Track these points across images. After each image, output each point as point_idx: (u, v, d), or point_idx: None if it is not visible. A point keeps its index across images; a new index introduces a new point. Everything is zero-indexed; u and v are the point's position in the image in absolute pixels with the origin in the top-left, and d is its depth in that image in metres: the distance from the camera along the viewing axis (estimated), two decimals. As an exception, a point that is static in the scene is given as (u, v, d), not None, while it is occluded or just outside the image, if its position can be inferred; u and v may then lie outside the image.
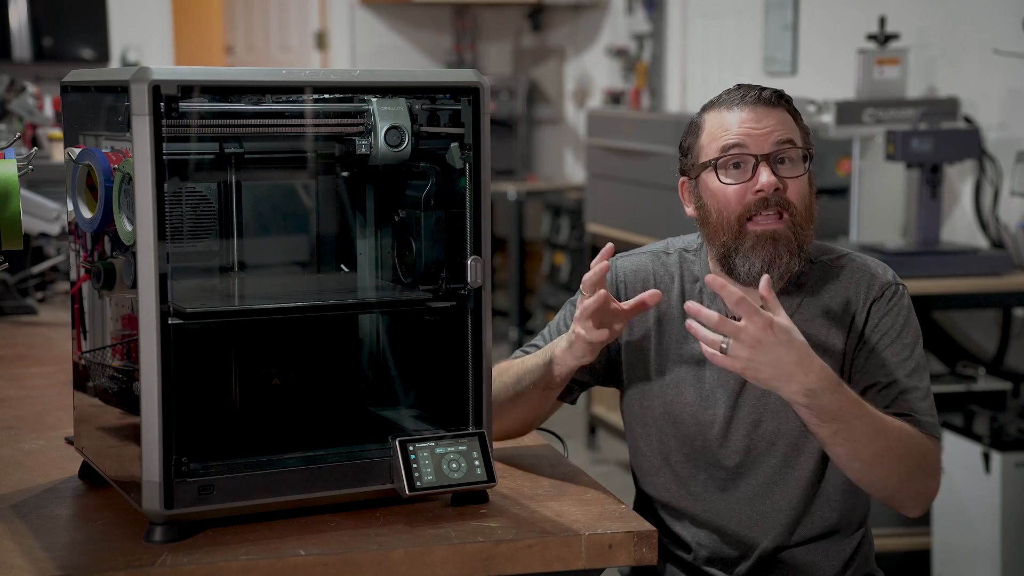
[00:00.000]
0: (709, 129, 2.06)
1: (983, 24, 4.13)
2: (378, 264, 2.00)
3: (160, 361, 1.62)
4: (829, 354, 2.04)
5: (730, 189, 2.02)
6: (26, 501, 1.82)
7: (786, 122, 2.05)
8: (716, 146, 2.04)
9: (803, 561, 2.10)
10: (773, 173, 2.01)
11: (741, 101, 2.04)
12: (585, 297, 1.94)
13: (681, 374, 2.11)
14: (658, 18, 6.33)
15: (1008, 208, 4.02)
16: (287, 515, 1.72)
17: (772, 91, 2.05)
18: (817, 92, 4.43)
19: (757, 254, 2.01)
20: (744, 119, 2.03)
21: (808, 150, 2.06)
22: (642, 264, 2.18)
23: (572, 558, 1.71)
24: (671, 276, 2.15)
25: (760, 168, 2.01)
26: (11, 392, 2.50)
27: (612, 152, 5.28)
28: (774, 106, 2.04)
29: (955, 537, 3.61)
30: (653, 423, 2.14)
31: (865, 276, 2.08)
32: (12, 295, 3.30)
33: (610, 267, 2.13)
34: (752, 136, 2.02)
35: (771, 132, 2.02)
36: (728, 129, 2.03)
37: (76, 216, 1.83)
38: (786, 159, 2.03)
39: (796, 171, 2.03)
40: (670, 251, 2.19)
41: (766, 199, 2.00)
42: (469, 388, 1.81)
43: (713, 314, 1.84)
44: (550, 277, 6.83)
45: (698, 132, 2.09)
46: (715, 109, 2.07)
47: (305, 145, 1.91)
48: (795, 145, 2.03)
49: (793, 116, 2.07)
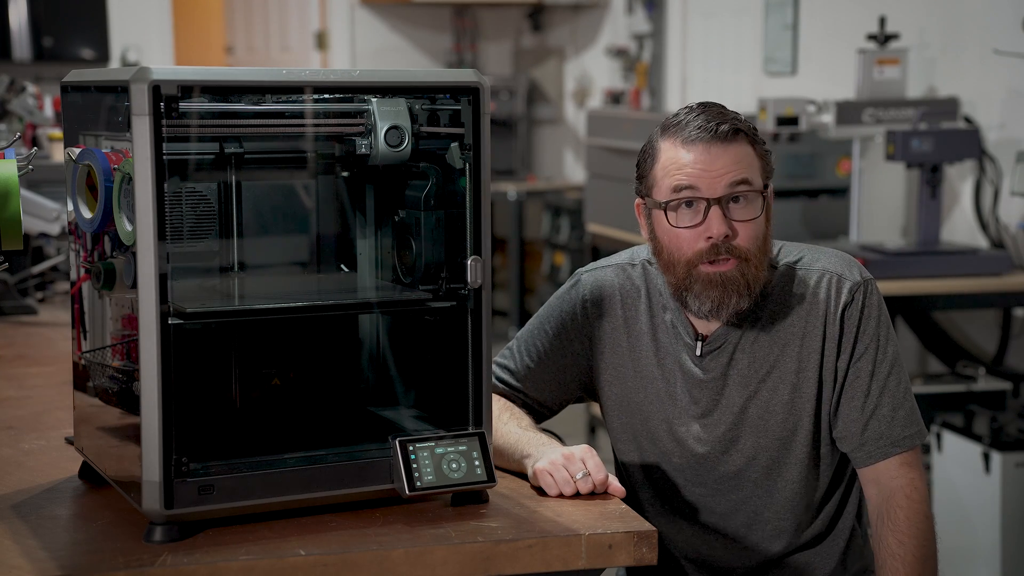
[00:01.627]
0: (663, 161, 2.00)
1: (983, 24, 4.13)
2: (378, 264, 2.00)
3: (160, 361, 1.62)
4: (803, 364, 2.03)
5: (682, 233, 1.98)
6: (26, 501, 1.82)
7: (743, 158, 1.98)
8: (668, 184, 1.98)
9: (798, 564, 2.10)
10: (725, 216, 1.96)
11: (697, 137, 1.97)
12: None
13: (655, 391, 2.10)
14: (658, 18, 6.33)
15: (1008, 208, 4.02)
16: (287, 515, 1.72)
17: (729, 125, 1.97)
18: (817, 92, 4.43)
19: (708, 295, 1.98)
20: (697, 159, 1.96)
21: (763, 189, 2.00)
22: (606, 280, 2.14)
23: (572, 558, 1.71)
24: (637, 290, 2.12)
25: (711, 213, 1.96)
26: (11, 392, 2.50)
27: (612, 152, 5.28)
28: (731, 141, 1.97)
29: (955, 537, 3.61)
30: (632, 440, 2.13)
31: (833, 280, 2.04)
32: (12, 295, 3.30)
33: (577, 282, 2.15)
34: (704, 178, 1.96)
35: (725, 173, 1.96)
36: (681, 167, 1.97)
37: (76, 216, 1.83)
38: (740, 198, 1.98)
39: (750, 212, 1.98)
40: (635, 262, 2.15)
41: (716, 246, 1.97)
42: (469, 388, 1.81)
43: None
44: (550, 277, 6.83)
45: (654, 158, 2.02)
46: (672, 137, 2.00)
47: (305, 145, 1.91)
48: (749, 185, 1.97)
49: (753, 145, 2.01)
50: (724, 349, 2.05)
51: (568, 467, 1.87)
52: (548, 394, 2.16)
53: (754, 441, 2.06)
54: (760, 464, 2.06)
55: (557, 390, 2.16)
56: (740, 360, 2.05)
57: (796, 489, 2.07)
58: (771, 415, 2.04)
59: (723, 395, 2.06)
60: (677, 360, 2.08)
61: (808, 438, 2.04)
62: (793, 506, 2.08)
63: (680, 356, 2.08)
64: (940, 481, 3.68)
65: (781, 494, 2.07)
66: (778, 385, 2.04)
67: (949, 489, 3.65)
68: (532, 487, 1.91)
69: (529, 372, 2.15)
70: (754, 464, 2.06)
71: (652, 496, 2.14)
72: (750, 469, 2.07)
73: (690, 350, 2.07)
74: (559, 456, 1.89)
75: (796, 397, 2.04)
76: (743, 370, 2.05)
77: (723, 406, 2.06)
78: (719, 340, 2.06)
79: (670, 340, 2.09)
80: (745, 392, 2.05)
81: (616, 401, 2.14)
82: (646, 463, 2.13)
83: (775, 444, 2.05)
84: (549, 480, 1.87)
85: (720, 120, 1.98)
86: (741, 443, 2.06)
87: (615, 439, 2.17)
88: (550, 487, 1.87)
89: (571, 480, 1.86)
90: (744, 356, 2.05)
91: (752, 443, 2.06)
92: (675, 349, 2.09)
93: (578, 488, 1.86)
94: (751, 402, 2.05)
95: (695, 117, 1.99)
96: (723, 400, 2.06)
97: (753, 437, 2.06)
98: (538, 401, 2.16)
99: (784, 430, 2.04)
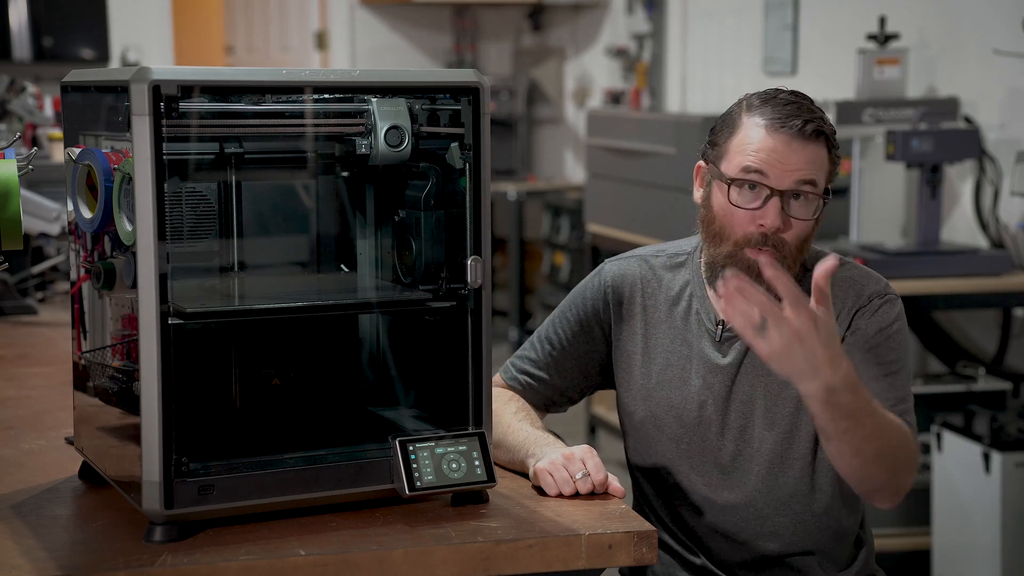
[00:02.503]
0: (741, 137, 2.02)
1: (983, 24, 4.12)
2: (378, 264, 2.00)
3: (160, 361, 1.62)
4: None
5: (737, 212, 2.01)
6: (26, 501, 1.82)
7: (817, 160, 2.01)
8: (740, 161, 2.00)
9: (801, 565, 2.10)
10: (783, 210, 1.99)
11: (782, 127, 1.99)
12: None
13: (666, 377, 2.12)
14: (658, 18, 6.33)
15: (1008, 208, 4.02)
16: (287, 515, 1.72)
17: (816, 125, 2.00)
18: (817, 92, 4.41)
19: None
20: (776, 148, 1.99)
21: (825, 196, 2.03)
22: (629, 270, 2.18)
23: (572, 558, 1.71)
24: (659, 280, 2.16)
25: (771, 203, 1.99)
26: (11, 392, 2.50)
27: (612, 152, 5.28)
28: (812, 141, 2.00)
29: (955, 537, 3.61)
30: (641, 426, 2.15)
31: (855, 286, 2.07)
32: (12, 295, 3.30)
33: (600, 271, 2.18)
34: (777, 168, 1.99)
35: (796, 170, 1.99)
36: (758, 151, 1.99)
37: (76, 216, 1.83)
38: (802, 196, 2.01)
39: (807, 212, 2.01)
40: (660, 255, 2.19)
41: (764, 236, 2.00)
42: (469, 388, 1.81)
43: (759, 294, 1.75)
44: (550, 277, 6.83)
45: (732, 130, 2.04)
46: (757, 115, 2.01)
47: (305, 145, 1.91)
48: (814, 187, 2.01)
49: (829, 150, 2.04)
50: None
51: (568, 467, 1.88)
52: (570, 381, 2.19)
53: (761, 432, 2.07)
54: (764, 456, 2.07)
55: (579, 377, 2.19)
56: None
57: (798, 487, 2.08)
58: (779, 407, 2.06)
59: (736, 382, 2.08)
60: (696, 346, 2.10)
61: (811, 435, 2.05)
62: (794, 505, 2.08)
63: (700, 342, 2.10)
64: (940, 481, 3.68)
65: (783, 490, 2.08)
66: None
67: (949, 489, 3.65)
68: (532, 487, 1.91)
69: (552, 360, 2.18)
70: (759, 456, 2.07)
71: (655, 486, 2.14)
72: (755, 461, 2.08)
73: (711, 335, 2.10)
74: (559, 456, 1.90)
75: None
76: (758, 360, 2.05)
77: (735, 394, 2.07)
78: None
79: (690, 327, 2.11)
80: (758, 381, 2.07)
81: (627, 388, 2.15)
82: (654, 450, 2.14)
83: (780, 437, 2.06)
84: (549, 480, 1.87)
85: (809, 118, 2.00)
86: (748, 433, 2.07)
87: (626, 425, 2.18)
88: (549, 487, 1.87)
89: (571, 480, 1.86)
90: None
91: (759, 434, 2.07)
92: (695, 336, 2.11)
93: (577, 488, 1.86)
94: (762, 392, 2.07)
95: (785, 106, 2.01)
96: (735, 387, 2.07)
97: (760, 428, 2.07)
98: (560, 389, 2.19)
99: (790, 424, 2.06)
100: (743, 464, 2.08)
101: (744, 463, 2.08)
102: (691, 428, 2.10)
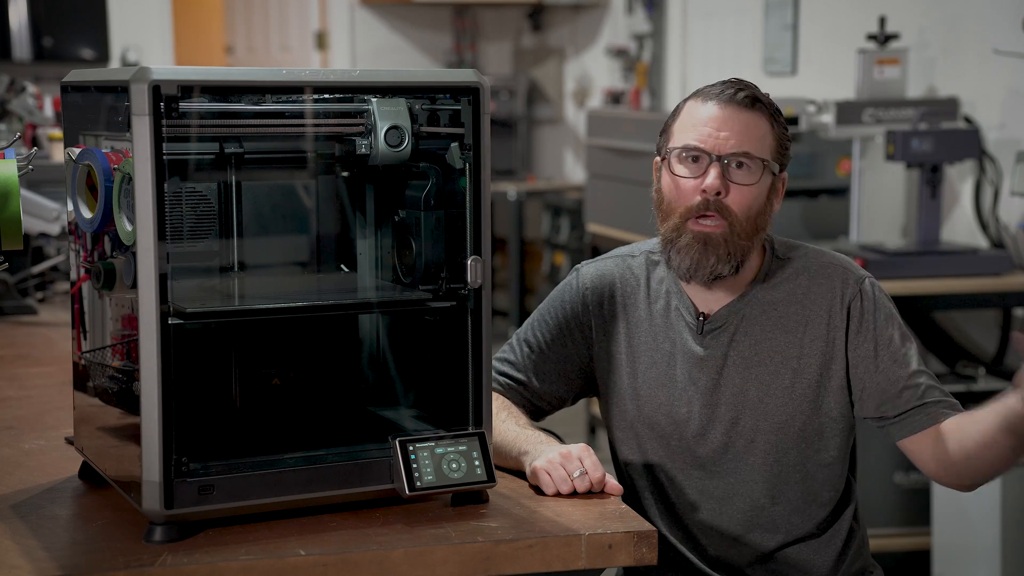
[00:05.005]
0: (683, 117, 2.08)
1: (983, 24, 4.13)
2: (378, 264, 2.00)
3: (160, 361, 1.62)
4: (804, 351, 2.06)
5: (681, 182, 2.04)
6: (26, 501, 1.82)
7: (756, 128, 2.04)
8: (681, 138, 2.06)
9: (795, 559, 2.11)
10: (722, 175, 2.02)
11: (717, 97, 2.05)
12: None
13: (652, 375, 2.12)
14: (658, 18, 6.33)
15: (1008, 208, 4.02)
16: (287, 515, 1.72)
17: (748, 93, 2.05)
18: (817, 92, 4.43)
19: (687, 252, 2.04)
20: (712, 117, 2.04)
21: (774, 167, 2.06)
22: (606, 270, 2.18)
23: (572, 558, 1.71)
24: (636, 279, 2.16)
25: (710, 168, 2.02)
26: (11, 392, 2.50)
27: (612, 152, 5.28)
28: (748, 108, 2.04)
29: (955, 537, 3.61)
30: (629, 427, 2.15)
31: (838, 272, 2.10)
32: (12, 295, 3.30)
33: (577, 273, 2.19)
34: (714, 137, 2.03)
35: (734, 135, 2.02)
36: (696, 124, 2.05)
37: (76, 216, 1.83)
38: (744, 164, 2.03)
39: (749, 179, 2.03)
40: (635, 254, 2.19)
41: (707, 201, 2.02)
42: (469, 388, 1.81)
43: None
44: (550, 277, 6.83)
45: (676, 115, 2.10)
46: (696, 98, 2.08)
47: (305, 145, 1.91)
48: (754, 156, 2.03)
49: (772, 124, 2.06)
50: (725, 329, 2.08)
51: (565, 465, 1.88)
52: (550, 385, 2.17)
53: (753, 424, 2.07)
54: (758, 448, 2.08)
55: (559, 381, 2.17)
56: (741, 342, 2.08)
57: (791, 477, 2.09)
58: (771, 398, 2.06)
59: (723, 375, 2.08)
60: (677, 341, 2.11)
61: (804, 424, 2.07)
62: (789, 497, 2.08)
63: (681, 337, 2.10)
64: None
65: (777, 482, 2.08)
66: (780, 369, 2.06)
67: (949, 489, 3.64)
68: (531, 486, 1.91)
69: (531, 363, 2.17)
70: (752, 448, 2.08)
71: (649, 484, 2.15)
72: (749, 453, 2.08)
73: (691, 329, 2.10)
74: (556, 455, 1.90)
75: (796, 383, 2.06)
76: (744, 351, 2.07)
77: (723, 386, 2.08)
78: (721, 320, 2.09)
79: (670, 323, 2.12)
80: (746, 373, 2.07)
81: (613, 390, 2.15)
82: (643, 449, 2.14)
83: (773, 428, 2.07)
84: (546, 478, 1.87)
85: (741, 87, 2.06)
86: (740, 425, 2.08)
87: (613, 428, 2.18)
88: (547, 485, 1.87)
89: (568, 479, 1.86)
90: (746, 338, 2.08)
91: (751, 425, 2.07)
92: (675, 331, 2.11)
93: (575, 487, 1.86)
94: (751, 384, 2.07)
95: (723, 84, 2.08)
96: (723, 380, 2.08)
97: (752, 419, 2.07)
98: (539, 394, 2.17)
99: (783, 415, 2.07)
100: (736, 456, 2.09)
101: (737, 455, 2.09)
102: (681, 424, 2.10)
